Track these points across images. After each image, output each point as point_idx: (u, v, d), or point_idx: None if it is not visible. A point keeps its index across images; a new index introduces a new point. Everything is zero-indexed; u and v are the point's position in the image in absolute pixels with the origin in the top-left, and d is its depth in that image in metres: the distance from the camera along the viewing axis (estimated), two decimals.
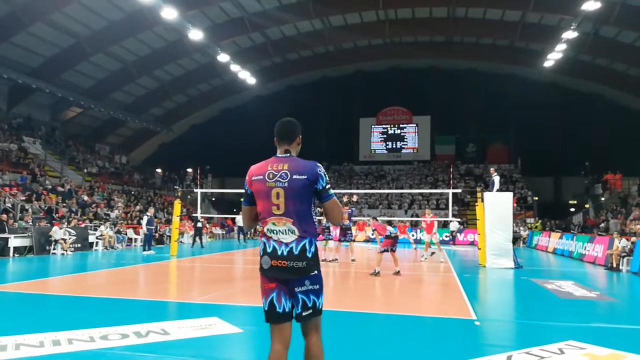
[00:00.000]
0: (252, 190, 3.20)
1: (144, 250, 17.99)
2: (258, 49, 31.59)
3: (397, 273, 11.76)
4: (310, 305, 3.16)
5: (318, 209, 11.42)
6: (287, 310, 3.15)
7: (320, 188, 3.07)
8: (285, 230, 3.03)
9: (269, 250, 3.08)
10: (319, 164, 3.13)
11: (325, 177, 3.10)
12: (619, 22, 23.92)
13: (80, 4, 22.75)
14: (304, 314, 3.17)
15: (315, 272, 3.13)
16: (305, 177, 3.03)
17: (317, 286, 3.17)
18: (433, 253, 16.49)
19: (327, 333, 6.22)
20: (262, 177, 3.17)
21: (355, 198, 18.22)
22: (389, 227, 12.27)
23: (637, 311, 8.75)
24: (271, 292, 3.14)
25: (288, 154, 3.22)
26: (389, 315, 7.42)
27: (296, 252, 3.03)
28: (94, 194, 24.73)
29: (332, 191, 3.11)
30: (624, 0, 22.66)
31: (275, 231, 3.06)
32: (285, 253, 3.03)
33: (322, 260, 14.98)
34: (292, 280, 3.09)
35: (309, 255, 3.07)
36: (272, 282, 3.14)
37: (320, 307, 3.22)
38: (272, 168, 3.16)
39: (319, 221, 16.41)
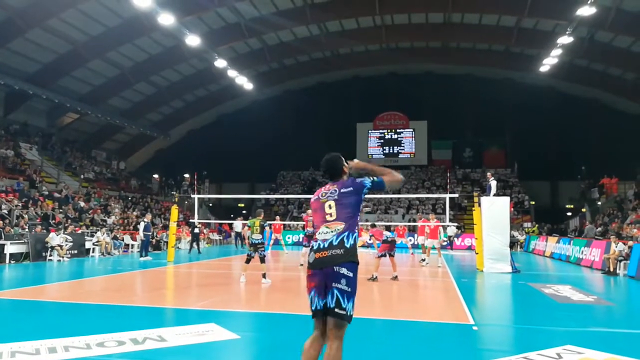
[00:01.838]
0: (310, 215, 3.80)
1: (141, 256, 17.93)
2: (255, 54, 31.66)
3: (395, 278, 11.75)
4: (343, 305, 3.47)
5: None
6: (319, 308, 3.55)
7: (370, 185, 3.76)
8: (333, 229, 3.59)
9: (314, 247, 3.62)
10: (362, 177, 3.83)
11: (368, 179, 3.79)
12: (614, 27, 24.06)
13: (78, 10, 22.77)
14: (336, 310, 3.47)
15: (353, 261, 3.54)
16: (351, 188, 3.70)
17: (350, 289, 3.50)
18: (423, 260, 16.45)
19: None
20: (317, 197, 3.84)
21: None
22: (385, 232, 12.27)
23: (634, 315, 8.76)
24: (310, 291, 3.61)
25: (337, 179, 3.89)
26: (386, 320, 7.40)
27: (335, 243, 3.54)
28: (91, 200, 24.66)
29: (378, 178, 3.82)
30: (618, 5, 22.82)
31: (324, 232, 3.61)
32: (326, 245, 3.55)
33: None
34: (330, 274, 3.49)
35: (347, 245, 3.54)
36: (312, 282, 3.60)
37: (349, 313, 3.51)
38: (325, 189, 3.84)
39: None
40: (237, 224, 25.66)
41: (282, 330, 6.66)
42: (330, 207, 3.65)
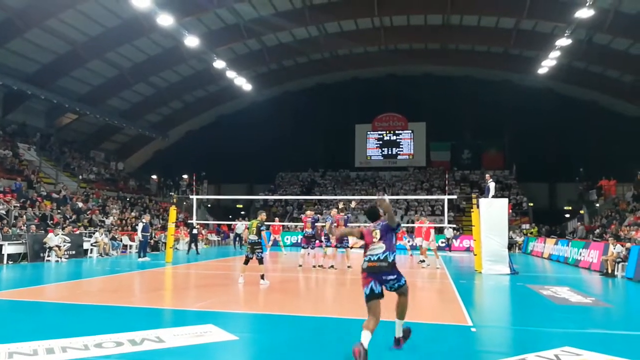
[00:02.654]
0: (363, 234, 5.70)
1: (139, 257, 17.90)
2: (254, 55, 31.67)
3: None
4: (399, 284, 5.59)
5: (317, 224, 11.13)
6: (378, 291, 5.34)
7: (397, 230, 5.69)
8: (378, 247, 5.46)
9: (368, 258, 5.45)
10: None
11: (400, 225, 5.78)
12: (612, 29, 24.12)
13: (77, 11, 22.76)
14: (396, 285, 5.56)
15: (393, 269, 5.46)
16: (385, 223, 5.58)
17: (396, 276, 5.50)
18: (423, 261, 16.44)
19: (323, 339, 6.22)
20: (367, 229, 5.70)
21: (353, 204, 18.28)
22: None
23: (632, 317, 8.77)
24: (369, 282, 5.33)
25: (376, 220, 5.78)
26: (385, 322, 7.39)
27: (382, 257, 5.40)
28: (89, 201, 24.62)
29: (401, 227, 6.27)
30: (617, 8, 22.87)
31: (373, 249, 5.48)
32: (375, 258, 5.41)
33: (319, 266, 14.95)
34: (380, 273, 5.38)
35: (389, 260, 5.44)
36: (369, 277, 5.35)
37: (404, 283, 5.64)
38: (372, 226, 5.69)
39: (319, 228, 16.37)
40: (240, 226, 25.69)
41: (281, 331, 6.65)
42: (376, 234, 5.53)
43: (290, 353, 5.57)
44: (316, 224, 15.77)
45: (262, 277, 10.83)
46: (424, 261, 16.40)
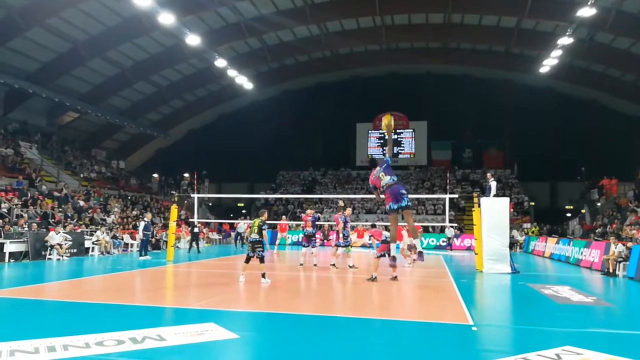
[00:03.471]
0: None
1: (140, 255, 17.92)
2: (255, 54, 31.66)
3: (394, 279, 11.73)
4: (405, 203, 8.82)
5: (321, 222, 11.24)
6: (395, 207, 8.92)
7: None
8: (385, 180, 9.30)
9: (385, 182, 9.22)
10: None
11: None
12: (614, 28, 24.07)
13: (78, 9, 22.76)
14: (407, 206, 8.86)
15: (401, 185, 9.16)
16: (387, 160, 9.59)
17: (405, 194, 8.95)
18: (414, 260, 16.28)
19: (323, 339, 6.23)
20: (377, 230, 11.41)
21: (341, 203, 18.30)
22: (385, 232, 12.24)
23: (634, 316, 8.77)
24: (389, 202, 8.89)
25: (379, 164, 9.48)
26: (386, 320, 7.40)
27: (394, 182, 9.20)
28: (90, 199, 24.64)
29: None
30: (619, 6, 22.83)
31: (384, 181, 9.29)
32: (391, 184, 9.23)
33: (332, 265, 14.86)
34: (398, 194, 9.08)
35: (398, 184, 9.17)
36: (389, 199, 8.95)
37: (408, 203, 8.86)
38: (375, 171, 9.19)
39: (326, 227, 16.38)
40: (242, 225, 25.68)
41: (282, 330, 6.66)
42: (382, 175, 9.01)
43: (290, 352, 5.58)
44: (316, 222, 15.75)
45: (263, 275, 10.83)
46: (408, 262, 16.20)
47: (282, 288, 10.80)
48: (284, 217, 23.52)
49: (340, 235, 14.87)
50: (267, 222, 11.29)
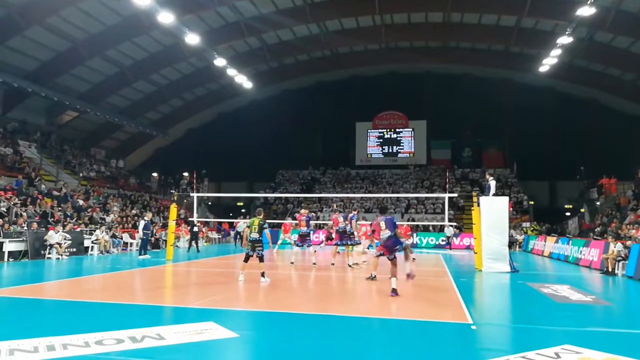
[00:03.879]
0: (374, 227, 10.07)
1: (140, 254, 17.91)
2: (254, 53, 31.64)
3: (374, 278, 11.72)
4: (399, 253, 9.68)
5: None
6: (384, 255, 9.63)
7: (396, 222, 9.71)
8: (385, 233, 9.58)
9: (383, 238, 9.61)
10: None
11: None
12: (614, 27, 24.09)
13: (77, 8, 22.74)
14: (394, 257, 9.52)
15: (397, 239, 9.62)
16: (390, 218, 9.76)
17: (399, 248, 9.61)
18: (356, 263, 16.13)
19: (323, 338, 6.23)
20: (377, 222, 9.83)
21: (334, 207, 18.36)
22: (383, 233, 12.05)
23: (633, 315, 8.78)
24: (381, 251, 9.75)
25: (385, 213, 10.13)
26: (385, 319, 7.41)
27: (388, 238, 9.51)
28: (90, 198, 24.62)
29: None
30: (618, 6, 22.84)
31: (384, 233, 9.54)
32: (385, 238, 9.50)
33: (354, 264, 14.79)
34: (391, 248, 9.55)
35: (394, 239, 9.48)
36: (385, 250, 9.61)
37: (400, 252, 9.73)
38: (379, 219, 9.82)
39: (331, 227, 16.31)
40: (242, 224, 25.65)
41: (281, 329, 6.66)
42: (382, 225, 9.57)
43: (290, 351, 5.58)
44: (311, 222, 15.67)
45: (263, 274, 10.83)
46: (357, 262, 16.00)
47: (282, 287, 10.80)
48: (289, 217, 23.64)
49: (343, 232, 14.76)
50: (267, 221, 11.32)
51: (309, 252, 15.70)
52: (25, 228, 16.88)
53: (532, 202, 33.85)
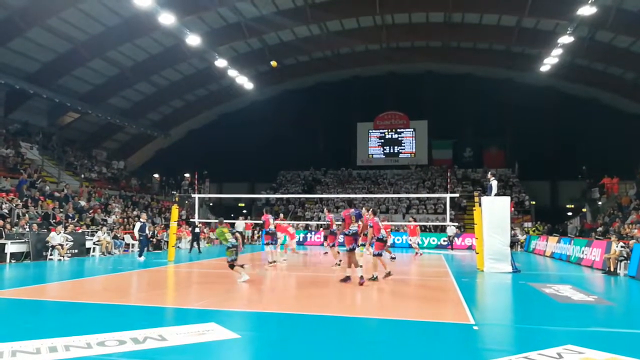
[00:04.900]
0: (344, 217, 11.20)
1: (139, 256, 17.88)
2: (255, 54, 31.64)
3: (388, 274, 11.74)
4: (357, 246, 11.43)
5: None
6: (350, 248, 11.04)
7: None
8: (354, 226, 11.04)
9: (349, 232, 11.06)
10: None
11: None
12: (615, 27, 24.05)
13: (78, 9, 22.75)
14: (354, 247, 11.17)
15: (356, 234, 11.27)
16: (358, 212, 11.38)
17: (356, 243, 11.29)
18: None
19: (324, 338, 6.23)
20: (348, 214, 11.13)
21: (326, 211, 18.40)
22: (382, 231, 11.97)
23: (635, 315, 8.76)
24: (349, 244, 11.05)
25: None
26: (386, 320, 7.40)
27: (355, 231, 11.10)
28: (91, 199, 24.64)
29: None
30: (619, 5, 22.80)
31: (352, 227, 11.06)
32: (355, 230, 11.10)
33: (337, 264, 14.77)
34: (355, 239, 11.13)
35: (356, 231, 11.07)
36: (350, 242, 10.93)
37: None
38: (351, 211, 11.18)
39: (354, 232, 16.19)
40: (240, 224, 25.59)
41: (282, 330, 6.66)
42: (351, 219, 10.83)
43: (292, 351, 5.58)
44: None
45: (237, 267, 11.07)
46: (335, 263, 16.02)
47: (283, 288, 10.80)
48: (296, 223, 23.97)
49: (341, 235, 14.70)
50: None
51: (275, 252, 15.43)
52: (27, 229, 16.91)
53: (534, 202, 33.82)
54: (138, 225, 18.21)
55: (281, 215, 20.12)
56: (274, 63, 19.33)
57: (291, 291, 10.63)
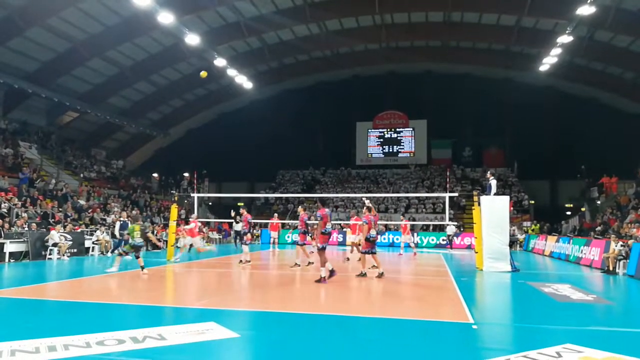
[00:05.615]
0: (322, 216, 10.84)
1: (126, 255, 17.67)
2: (255, 53, 31.64)
3: (381, 275, 11.75)
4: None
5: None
6: (323, 247, 10.87)
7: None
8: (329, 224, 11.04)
9: (327, 230, 10.95)
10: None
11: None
12: (614, 26, 24.07)
13: (77, 9, 22.74)
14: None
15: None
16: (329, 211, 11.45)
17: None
18: (348, 259, 16.71)
19: (323, 337, 6.23)
20: (325, 213, 10.81)
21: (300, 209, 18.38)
22: (372, 230, 11.93)
23: (634, 314, 8.77)
24: (327, 242, 11.06)
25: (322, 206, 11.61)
26: (386, 319, 7.40)
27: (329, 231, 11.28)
28: (90, 199, 24.62)
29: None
30: (618, 4, 22.82)
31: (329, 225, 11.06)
32: (330, 229, 11.25)
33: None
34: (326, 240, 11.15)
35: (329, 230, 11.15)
36: (326, 240, 11.04)
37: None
38: (326, 210, 11.12)
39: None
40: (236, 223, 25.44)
41: (282, 329, 6.66)
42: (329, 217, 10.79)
43: (291, 351, 5.58)
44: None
45: (142, 268, 11.80)
46: (348, 259, 16.94)
47: (282, 287, 10.80)
48: (276, 215, 24.24)
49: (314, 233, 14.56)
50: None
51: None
52: (26, 229, 16.89)
53: (533, 202, 33.85)
54: (118, 224, 18.23)
55: (275, 215, 20.28)
56: (203, 73, 18.93)
57: (289, 290, 10.63)
